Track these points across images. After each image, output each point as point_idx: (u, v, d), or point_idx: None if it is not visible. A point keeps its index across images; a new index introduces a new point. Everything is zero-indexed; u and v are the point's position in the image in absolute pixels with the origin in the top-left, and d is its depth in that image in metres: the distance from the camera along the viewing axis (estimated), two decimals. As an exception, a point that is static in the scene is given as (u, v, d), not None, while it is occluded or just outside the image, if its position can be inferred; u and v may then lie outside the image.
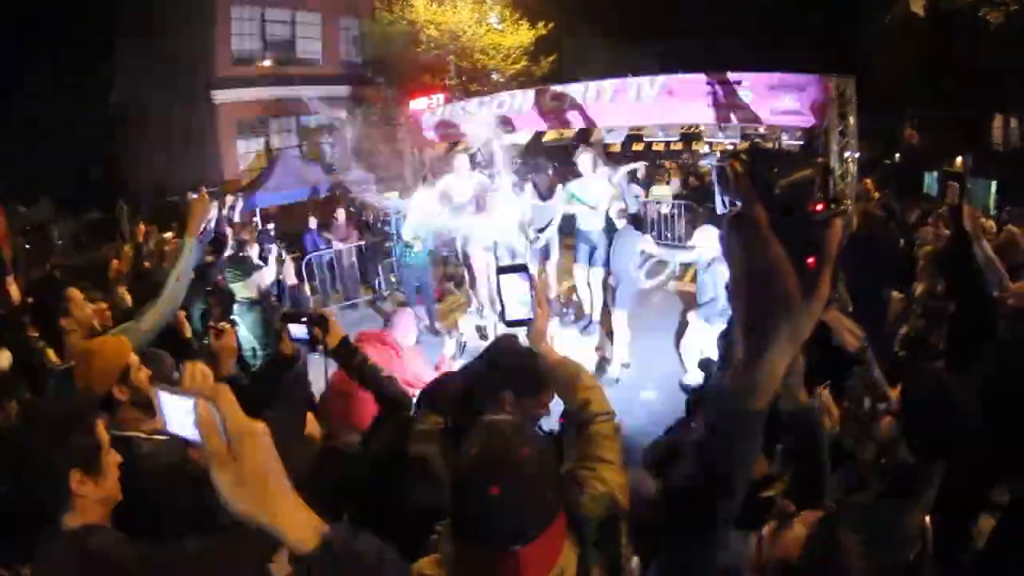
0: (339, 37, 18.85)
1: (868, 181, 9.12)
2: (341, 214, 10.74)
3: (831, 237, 0.86)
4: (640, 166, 11.37)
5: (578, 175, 7.14)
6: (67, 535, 1.46)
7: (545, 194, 8.30)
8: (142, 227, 7.80)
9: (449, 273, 10.24)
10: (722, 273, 5.38)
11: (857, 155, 7.80)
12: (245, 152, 17.69)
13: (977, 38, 15.49)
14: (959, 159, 19.70)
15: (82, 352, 2.20)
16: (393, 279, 10.58)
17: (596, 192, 6.88)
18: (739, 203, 1.00)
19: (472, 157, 8.70)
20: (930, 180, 15.33)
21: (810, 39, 18.56)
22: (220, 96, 16.93)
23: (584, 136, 11.37)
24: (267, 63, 17.74)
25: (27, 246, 11.96)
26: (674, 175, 12.70)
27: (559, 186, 7.85)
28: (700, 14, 19.59)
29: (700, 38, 17.39)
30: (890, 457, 2.02)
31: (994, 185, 18.27)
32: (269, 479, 0.87)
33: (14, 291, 6.25)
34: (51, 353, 2.84)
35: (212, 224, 6.88)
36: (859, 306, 4.12)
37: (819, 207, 1.49)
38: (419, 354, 4.17)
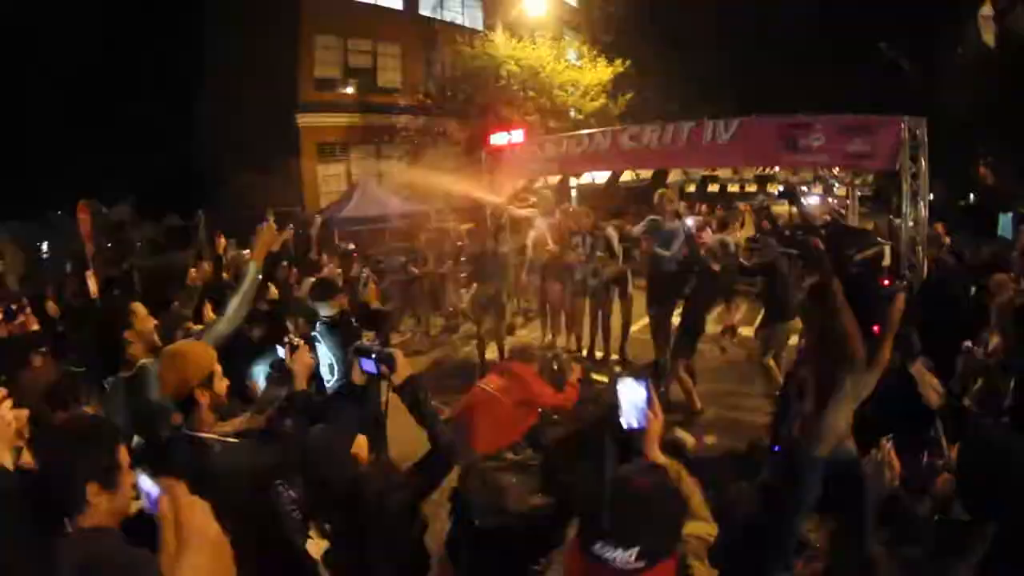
0: (419, 69, 19.60)
1: (938, 225, 8.98)
2: (423, 239, 11.17)
3: (894, 311, 1.11)
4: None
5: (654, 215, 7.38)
6: (76, 533, 1.65)
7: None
8: (222, 240, 8.31)
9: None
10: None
11: (930, 197, 7.68)
12: (324, 175, 18.42)
13: None
14: None
15: (174, 352, 2.39)
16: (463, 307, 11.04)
17: (669, 235, 7.11)
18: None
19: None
20: (1005, 221, 14.74)
21: (880, 77, 18.23)
22: (303, 119, 17.75)
23: (660, 179, 11.51)
24: (349, 90, 18.56)
25: (108, 245, 12.59)
26: (749, 218, 12.61)
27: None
28: (773, 56, 19.56)
29: (775, 80, 17.34)
30: (945, 514, 2.07)
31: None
32: None
33: (92, 285, 6.89)
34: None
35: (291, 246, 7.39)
36: (930, 357, 4.01)
37: (885, 282, 1.66)
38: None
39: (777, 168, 11.51)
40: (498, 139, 11.15)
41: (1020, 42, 15.77)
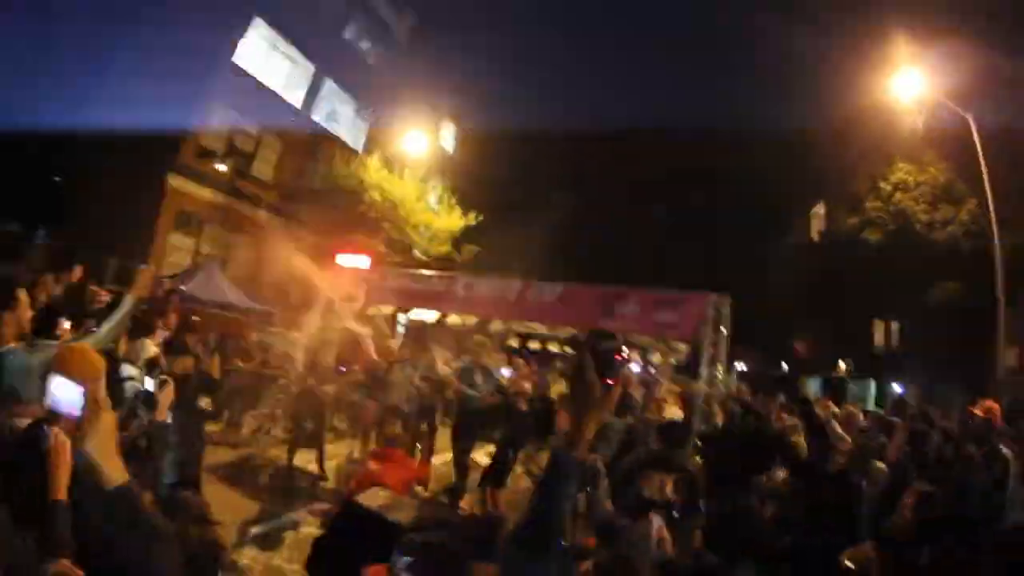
0: (292, 170, 19.74)
1: (740, 385, 10.32)
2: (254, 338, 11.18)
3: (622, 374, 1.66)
4: None
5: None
6: None
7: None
8: (79, 271, 8.10)
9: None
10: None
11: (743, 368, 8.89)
12: (174, 244, 17.80)
13: (857, 256, 17.75)
14: (842, 364, 21.85)
15: (80, 348, 2.54)
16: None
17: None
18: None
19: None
20: (813, 383, 16.88)
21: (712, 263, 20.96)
22: (175, 180, 17.21)
23: (482, 327, 12.28)
24: (223, 168, 18.28)
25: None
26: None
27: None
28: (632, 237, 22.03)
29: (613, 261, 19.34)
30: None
31: (873, 384, 20.29)
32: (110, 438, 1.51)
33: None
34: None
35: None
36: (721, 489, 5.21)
37: (617, 357, 2.15)
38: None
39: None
40: (345, 260, 11.51)
41: (841, 236, 18.59)
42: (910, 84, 13.88)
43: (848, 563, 3.82)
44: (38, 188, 18.76)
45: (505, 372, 10.69)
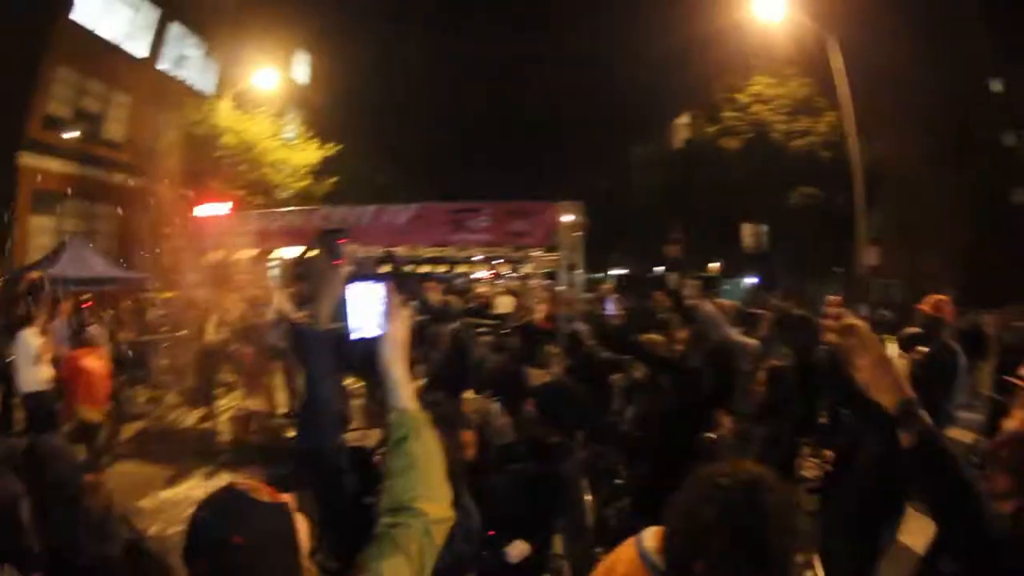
0: (145, 125, 18.77)
1: (606, 285, 10.90)
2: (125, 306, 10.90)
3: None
4: None
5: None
6: None
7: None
8: None
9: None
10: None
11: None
12: (36, 226, 16.85)
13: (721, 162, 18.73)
14: (714, 264, 23.35)
15: None
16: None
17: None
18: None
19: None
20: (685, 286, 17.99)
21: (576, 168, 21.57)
22: (25, 159, 16.11)
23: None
24: (75, 135, 17.18)
25: None
26: (433, 294, 13.92)
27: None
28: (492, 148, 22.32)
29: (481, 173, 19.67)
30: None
31: (743, 281, 21.88)
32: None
33: None
34: None
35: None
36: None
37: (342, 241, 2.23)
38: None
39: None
40: (204, 210, 11.28)
41: (702, 146, 19.54)
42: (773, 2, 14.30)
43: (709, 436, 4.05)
44: None
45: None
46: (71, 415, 8.49)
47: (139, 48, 18.83)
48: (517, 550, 2.69)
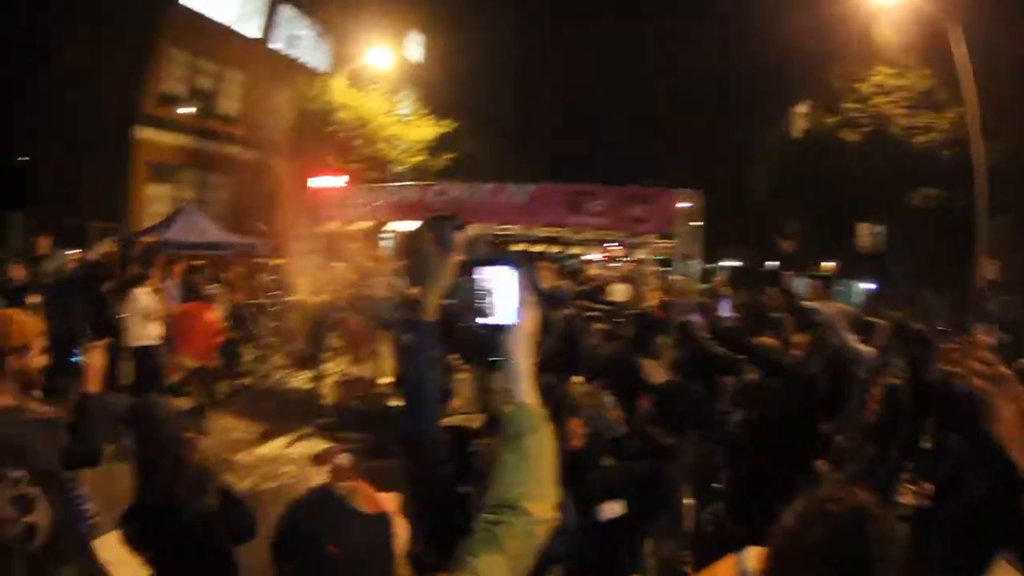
0: (259, 101, 19.22)
1: (717, 279, 10.43)
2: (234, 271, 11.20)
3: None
4: None
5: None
6: None
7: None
8: (44, 240, 8.23)
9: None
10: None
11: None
12: (151, 194, 17.70)
13: (841, 155, 17.49)
14: (829, 264, 22.17)
15: (6, 314, 2.38)
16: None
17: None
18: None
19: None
20: (798, 284, 17.14)
21: (692, 154, 20.76)
22: (141, 132, 16.97)
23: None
24: (189, 111, 17.99)
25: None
26: (547, 273, 13.64)
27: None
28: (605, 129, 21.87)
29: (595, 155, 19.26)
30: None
31: (857, 285, 20.59)
32: None
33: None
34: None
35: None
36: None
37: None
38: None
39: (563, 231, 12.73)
40: (319, 182, 11.43)
41: (821, 137, 18.52)
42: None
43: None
44: (5, 174, 18.44)
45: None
46: (177, 367, 8.77)
47: (251, 29, 19.50)
48: (609, 509, 2.60)
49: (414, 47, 25.48)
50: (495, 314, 1.45)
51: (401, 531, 1.25)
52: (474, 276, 1.50)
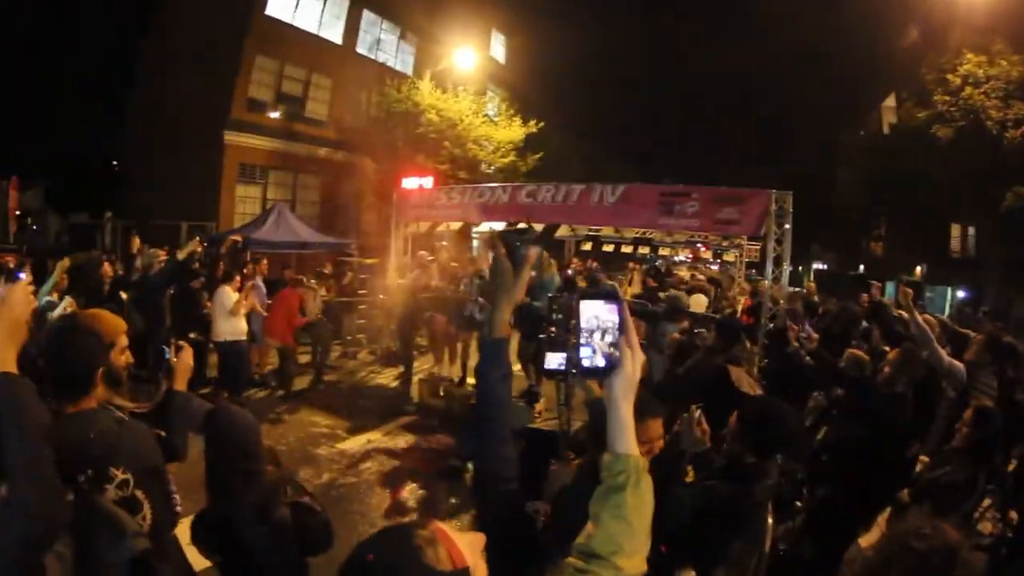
0: (347, 104, 20.03)
1: (810, 284, 10.16)
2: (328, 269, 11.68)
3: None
4: None
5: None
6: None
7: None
8: (136, 240, 8.83)
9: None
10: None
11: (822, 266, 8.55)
12: (241, 195, 18.44)
13: (932, 153, 16.78)
14: (918, 268, 21.26)
15: (92, 312, 2.37)
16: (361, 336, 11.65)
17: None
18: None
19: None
20: (890, 289, 16.45)
21: (778, 156, 20.23)
22: (230, 137, 17.71)
23: (549, 233, 12.40)
24: (277, 115, 18.68)
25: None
26: (637, 276, 13.64)
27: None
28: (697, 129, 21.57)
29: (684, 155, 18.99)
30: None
31: (949, 291, 19.60)
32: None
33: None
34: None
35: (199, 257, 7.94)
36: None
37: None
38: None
39: (654, 232, 12.69)
40: (410, 183, 11.74)
41: (910, 133, 17.81)
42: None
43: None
44: (100, 177, 19.69)
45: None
46: (264, 352, 9.37)
47: (334, 35, 20.02)
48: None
49: (497, 47, 25.73)
50: (594, 355, 1.36)
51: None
52: (578, 312, 1.39)
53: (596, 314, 1.37)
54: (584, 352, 1.36)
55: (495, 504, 1.78)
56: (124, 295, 7.98)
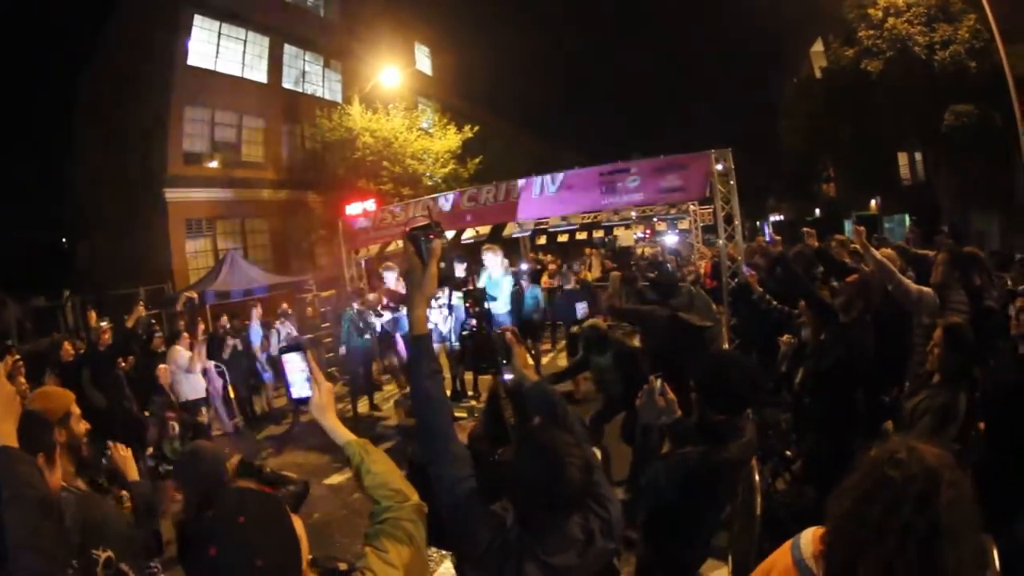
0: (282, 141, 19.86)
1: (759, 238, 10.04)
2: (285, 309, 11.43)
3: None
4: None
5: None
6: None
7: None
8: (93, 314, 8.55)
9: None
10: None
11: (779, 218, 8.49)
12: (192, 251, 18.11)
13: (866, 88, 16.89)
14: (872, 202, 21.43)
15: (41, 391, 2.53)
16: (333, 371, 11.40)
17: (500, 286, 7.90)
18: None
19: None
20: (849, 227, 16.48)
21: (718, 114, 20.27)
22: (171, 194, 17.36)
23: (496, 234, 12.28)
24: (214, 164, 18.41)
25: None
26: (596, 261, 13.59)
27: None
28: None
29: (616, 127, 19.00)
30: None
31: (907, 218, 19.77)
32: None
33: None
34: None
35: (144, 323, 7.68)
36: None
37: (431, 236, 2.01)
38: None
39: (602, 214, 12.57)
40: (353, 209, 11.56)
41: (842, 73, 17.91)
42: None
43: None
44: (50, 256, 19.29)
45: (524, 266, 10.78)
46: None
47: (259, 74, 19.79)
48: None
49: (423, 60, 25.65)
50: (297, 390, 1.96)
51: None
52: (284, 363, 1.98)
53: (293, 360, 2.01)
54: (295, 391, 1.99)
55: (447, 507, 1.87)
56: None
